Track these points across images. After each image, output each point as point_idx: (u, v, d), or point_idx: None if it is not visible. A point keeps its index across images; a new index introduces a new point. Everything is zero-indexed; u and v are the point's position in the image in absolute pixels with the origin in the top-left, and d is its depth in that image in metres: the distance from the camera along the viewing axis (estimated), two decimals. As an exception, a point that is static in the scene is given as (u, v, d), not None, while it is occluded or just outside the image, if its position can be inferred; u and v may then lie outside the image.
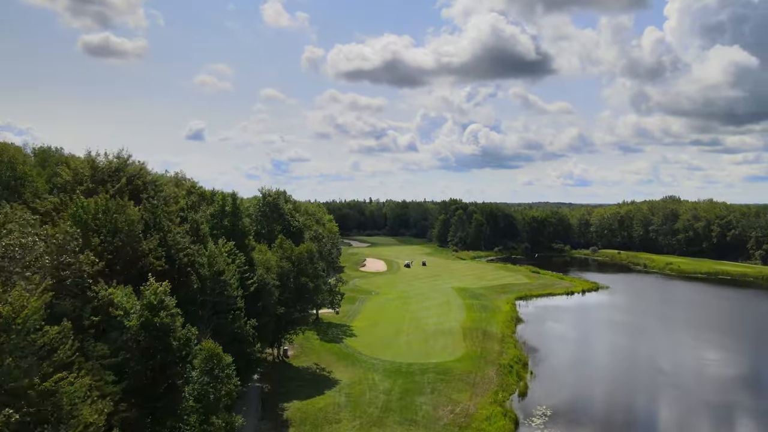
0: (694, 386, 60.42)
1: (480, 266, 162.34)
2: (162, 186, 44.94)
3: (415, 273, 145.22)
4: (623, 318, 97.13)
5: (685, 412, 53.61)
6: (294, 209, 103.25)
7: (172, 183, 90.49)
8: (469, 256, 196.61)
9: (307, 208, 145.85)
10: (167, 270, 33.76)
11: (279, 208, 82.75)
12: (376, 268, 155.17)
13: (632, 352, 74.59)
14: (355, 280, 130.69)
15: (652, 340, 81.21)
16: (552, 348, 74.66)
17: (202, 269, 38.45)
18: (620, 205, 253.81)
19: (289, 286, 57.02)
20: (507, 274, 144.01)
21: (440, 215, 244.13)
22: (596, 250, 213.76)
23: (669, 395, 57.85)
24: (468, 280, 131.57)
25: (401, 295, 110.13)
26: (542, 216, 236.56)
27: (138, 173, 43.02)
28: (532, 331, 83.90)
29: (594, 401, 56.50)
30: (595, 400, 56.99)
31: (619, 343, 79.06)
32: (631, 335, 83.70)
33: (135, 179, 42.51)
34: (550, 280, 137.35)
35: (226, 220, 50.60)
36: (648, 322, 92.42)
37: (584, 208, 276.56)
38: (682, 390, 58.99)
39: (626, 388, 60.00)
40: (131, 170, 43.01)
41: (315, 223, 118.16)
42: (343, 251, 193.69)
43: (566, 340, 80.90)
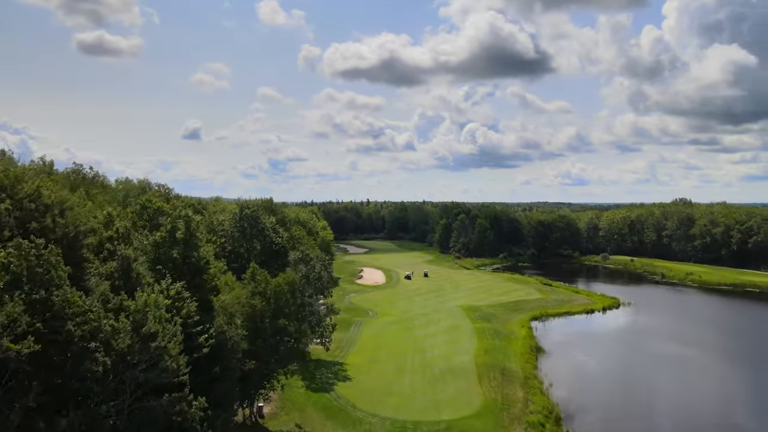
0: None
1: (486, 277, 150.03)
2: (71, 205, 32.20)
3: (416, 286, 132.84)
4: (665, 348, 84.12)
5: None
6: (279, 221, 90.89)
7: (122, 193, 78.02)
8: (473, 264, 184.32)
9: (298, 215, 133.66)
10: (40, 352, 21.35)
11: (259, 223, 70.25)
12: (375, 280, 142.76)
13: (692, 400, 62.22)
14: (350, 296, 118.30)
15: (716, 382, 68.75)
16: (588, 394, 62.37)
17: (117, 339, 25.99)
18: (630, 209, 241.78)
19: (263, 330, 44.51)
20: (517, 288, 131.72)
21: (441, 219, 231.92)
22: (607, 257, 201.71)
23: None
24: (475, 296, 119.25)
25: (403, 316, 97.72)
26: (549, 220, 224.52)
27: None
28: (558, 366, 71.56)
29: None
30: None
31: (674, 388, 65.71)
32: (684, 374, 71.13)
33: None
34: (564, 294, 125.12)
35: (175, 251, 38.03)
36: (697, 355, 79.95)
37: (592, 211, 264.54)
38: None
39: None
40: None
41: (306, 236, 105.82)
42: (339, 259, 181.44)
43: (603, 381, 68.30)
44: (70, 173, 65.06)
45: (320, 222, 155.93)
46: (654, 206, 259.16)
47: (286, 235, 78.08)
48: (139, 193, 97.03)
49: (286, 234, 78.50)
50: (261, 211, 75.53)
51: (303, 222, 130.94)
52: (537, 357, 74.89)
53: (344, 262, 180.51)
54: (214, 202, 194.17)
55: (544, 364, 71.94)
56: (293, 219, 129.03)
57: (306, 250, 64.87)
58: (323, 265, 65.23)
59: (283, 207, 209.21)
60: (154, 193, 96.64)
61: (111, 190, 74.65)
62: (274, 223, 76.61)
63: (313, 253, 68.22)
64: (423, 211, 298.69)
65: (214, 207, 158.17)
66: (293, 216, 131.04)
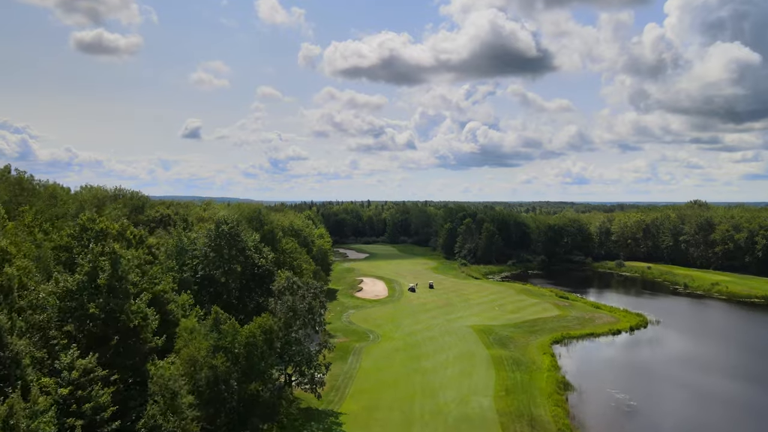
0: None
1: (497, 289, 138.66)
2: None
3: (421, 300, 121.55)
4: (715, 382, 72.89)
5: None
6: (268, 234, 79.68)
7: (75, 205, 66.14)
8: (480, 273, 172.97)
9: (292, 223, 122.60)
10: None
11: (239, 242, 58.98)
12: (376, 292, 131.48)
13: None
14: (349, 313, 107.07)
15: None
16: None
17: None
18: (644, 212, 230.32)
19: (226, 400, 33.25)
20: (532, 302, 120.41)
21: (446, 223, 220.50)
22: (622, 264, 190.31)
23: None
24: (487, 313, 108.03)
25: (407, 340, 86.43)
26: (559, 224, 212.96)
27: None
28: (594, 412, 60.31)
29: None
30: None
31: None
32: (753, 423, 60.05)
33: None
34: (584, 310, 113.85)
35: (92, 305, 26.76)
36: (756, 393, 68.81)
37: (603, 214, 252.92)
38: None
39: None
40: None
41: (298, 248, 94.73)
42: (338, 266, 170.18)
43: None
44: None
45: (317, 229, 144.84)
46: (668, 209, 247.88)
47: (271, 255, 66.67)
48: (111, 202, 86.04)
49: (271, 254, 67.05)
50: (243, 226, 64.26)
51: (297, 230, 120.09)
52: (567, 398, 63.62)
53: (343, 269, 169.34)
54: (205, 206, 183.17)
55: (577, 409, 60.65)
56: (287, 228, 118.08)
57: (293, 277, 53.53)
58: (315, 293, 53.84)
59: (279, 212, 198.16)
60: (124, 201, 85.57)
61: (63, 201, 63.26)
62: (257, 241, 65.24)
63: (304, 280, 56.74)
64: (426, 214, 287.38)
65: (202, 211, 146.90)
66: (287, 224, 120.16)
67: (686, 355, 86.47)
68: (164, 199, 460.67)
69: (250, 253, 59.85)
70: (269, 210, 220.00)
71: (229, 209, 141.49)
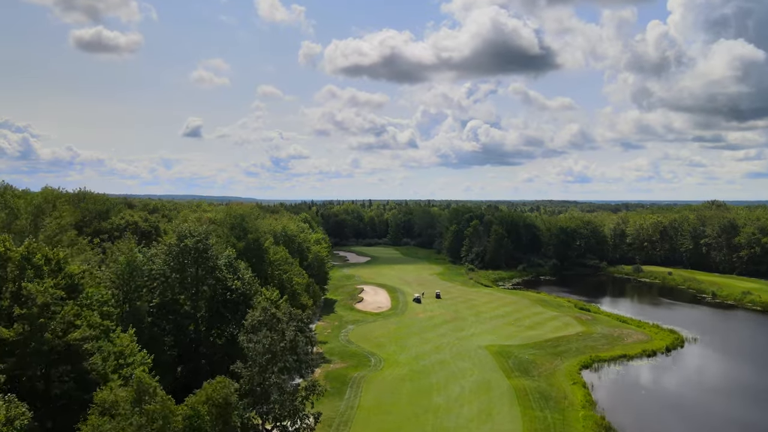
0: None
1: (510, 299, 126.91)
2: None
3: (428, 313, 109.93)
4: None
5: None
6: (253, 243, 68.18)
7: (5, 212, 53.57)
8: (489, 279, 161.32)
9: (286, 228, 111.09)
10: None
11: (207, 260, 47.44)
12: (378, 303, 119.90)
13: None
14: (348, 330, 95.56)
15: None
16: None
17: None
18: (662, 212, 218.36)
19: None
20: (550, 315, 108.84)
21: (451, 225, 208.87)
22: (639, 269, 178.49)
23: None
24: (503, 330, 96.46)
25: (415, 366, 74.82)
26: (572, 226, 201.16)
27: None
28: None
29: None
30: None
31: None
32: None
33: None
34: (609, 324, 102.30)
35: None
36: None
37: (615, 214, 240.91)
38: None
39: None
40: None
41: (289, 259, 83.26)
42: (337, 272, 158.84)
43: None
44: None
45: (314, 234, 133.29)
46: (684, 209, 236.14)
47: (248, 275, 54.99)
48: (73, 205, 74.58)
49: (248, 274, 55.37)
50: (220, 238, 52.73)
51: (291, 236, 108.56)
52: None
53: (342, 276, 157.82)
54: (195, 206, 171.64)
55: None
56: (279, 233, 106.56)
57: (271, 307, 41.91)
58: (300, 328, 42.19)
59: (275, 213, 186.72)
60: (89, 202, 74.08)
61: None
62: (232, 257, 53.63)
63: (284, 309, 45.00)
64: (429, 214, 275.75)
65: (191, 213, 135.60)
66: (279, 229, 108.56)
67: (741, 384, 74.77)
68: (165, 198, 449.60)
69: (221, 273, 48.36)
70: (264, 211, 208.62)
71: (215, 211, 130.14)
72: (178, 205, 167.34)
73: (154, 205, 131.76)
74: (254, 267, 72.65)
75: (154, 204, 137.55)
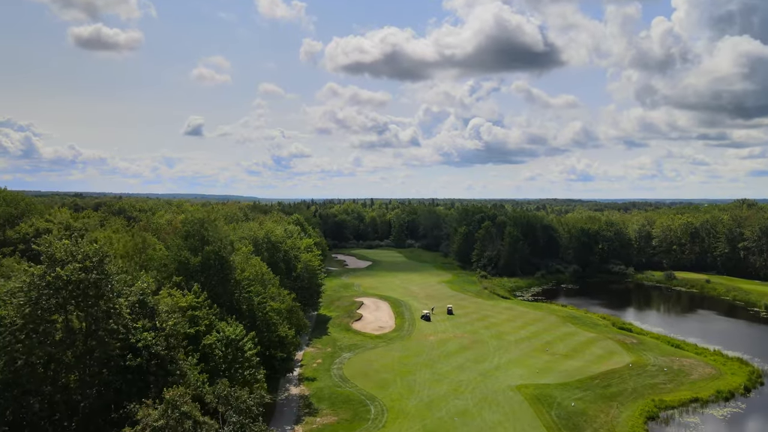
0: None
1: (534, 315, 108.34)
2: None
3: (440, 335, 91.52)
4: None
5: None
6: (210, 263, 50.04)
7: None
8: (506, 289, 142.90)
9: (270, 234, 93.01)
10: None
11: (98, 299, 28.95)
12: (379, 322, 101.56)
13: None
14: (343, 359, 77.34)
15: None
16: None
17: None
18: (691, 212, 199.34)
19: None
20: (586, 338, 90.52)
21: (460, 227, 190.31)
22: (672, 276, 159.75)
23: None
24: (533, 358, 78.02)
25: (428, 420, 56.41)
26: (594, 228, 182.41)
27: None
28: None
29: None
30: None
31: None
32: None
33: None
34: (661, 350, 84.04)
35: None
36: None
37: (641, 214, 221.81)
38: None
39: None
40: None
41: (264, 280, 65.05)
42: (332, 283, 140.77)
43: None
44: None
45: (305, 239, 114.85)
46: (713, 208, 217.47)
47: (171, 322, 36.50)
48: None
49: (171, 321, 36.83)
50: (118, 262, 34.34)
51: (275, 243, 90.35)
52: None
53: (340, 285, 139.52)
54: (175, 207, 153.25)
55: None
56: (261, 240, 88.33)
57: (181, 398, 23.82)
58: (240, 426, 23.69)
59: (265, 214, 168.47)
60: None
61: None
62: (148, 291, 35.24)
63: (219, 392, 26.43)
64: (435, 215, 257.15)
65: (165, 214, 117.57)
66: (262, 235, 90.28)
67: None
68: (167, 197, 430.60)
69: (119, 321, 30.04)
70: (256, 212, 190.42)
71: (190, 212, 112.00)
72: (156, 204, 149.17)
73: (120, 206, 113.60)
74: (213, 290, 54.37)
75: (119, 204, 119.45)
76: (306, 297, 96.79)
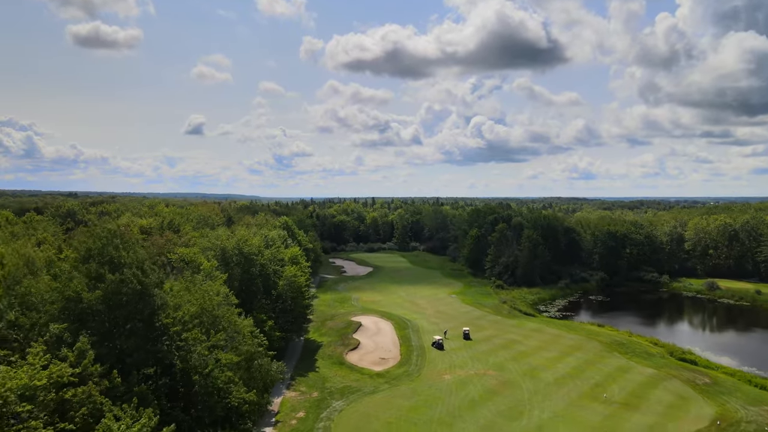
0: None
1: (570, 341, 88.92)
2: None
3: (458, 374, 72.13)
4: None
5: None
6: (109, 299, 30.40)
7: None
8: (527, 302, 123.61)
9: (242, 244, 73.94)
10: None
11: None
12: (380, 351, 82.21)
13: None
14: (331, 412, 58.14)
15: None
16: None
17: None
18: (728, 212, 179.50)
19: None
20: (644, 374, 71.22)
21: (471, 229, 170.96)
22: (715, 286, 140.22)
23: None
24: (583, 409, 58.66)
25: None
26: (621, 231, 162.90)
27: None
28: None
29: None
30: None
31: None
32: None
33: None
34: (746, 396, 64.84)
35: None
36: None
37: (669, 212, 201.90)
38: None
39: None
40: None
41: (212, 322, 45.76)
42: (326, 297, 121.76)
43: None
44: None
45: (292, 248, 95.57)
46: (749, 207, 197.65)
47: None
48: None
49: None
50: None
51: (248, 256, 71.43)
52: None
53: (335, 299, 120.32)
54: (147, 207, 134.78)
55: None
56: (231, 251, 69.60)
57: None
58: None
59: (248, 214, 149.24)
60: None
61: None
62: None
63: None
64: (441, 215, 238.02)
65: (125, 217, 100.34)
66: (231, 246, 71.40)
67: None
68: (168, 197, 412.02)
69: None
70: (243, 212, 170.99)
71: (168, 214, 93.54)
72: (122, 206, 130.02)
73: (70, 207, 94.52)
74: (125, 342, 35.19)
75: (69, 205, 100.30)
76: (289, 321, 77.63)
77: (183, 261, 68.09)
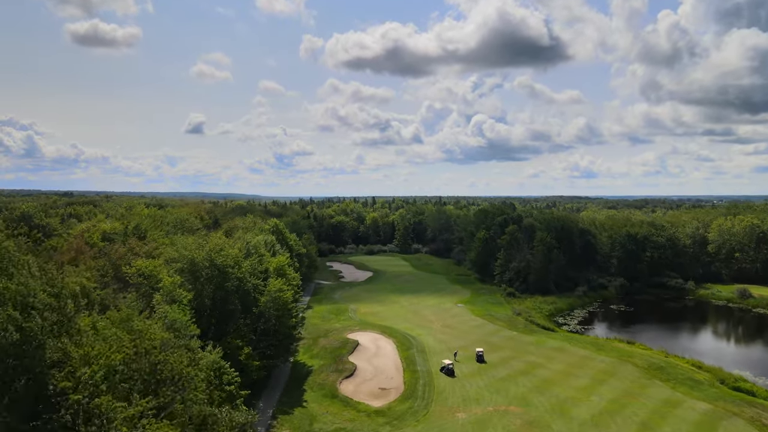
0: None
1: (600, 364, 76.91)
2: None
3: (474, 411, 60.19)
4: None
5: None
6: None
7: None
8: (543, 313, 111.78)
9: (217, 254, 61.86)
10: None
11: None
12: (379, 379, 70.31)
13: None
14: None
15: None
16: None
17: None
18: (755, 211, 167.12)
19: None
20: (695, 411, 59.33)
21: (478, 231, 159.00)
22: (747, 293, 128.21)
23: None
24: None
25: None
26: (641, 232, 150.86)
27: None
28: None
29: None
30: None
31: None
32: None
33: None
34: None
35: None
36: None
37: (688, 212, 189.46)
38: None
39: None
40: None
41: (145, 356, 33.36)
42: (320, 309, 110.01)
43: None
44: None
45: (279, 256, 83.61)
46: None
47: None
48: None
49: None
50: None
51: (222, 268, 59.86)
52: None
53: (330, 311, 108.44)
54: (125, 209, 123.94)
55: None
56: (201, 264, 57.87)
57: None
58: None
59: (239, 217, 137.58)
60: None
61: None
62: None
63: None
64: (445, 215, 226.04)
65: (86, 224, 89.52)
66: (201, 257, 59.69)
67: None
68: (169, 196, 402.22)
69: None
70: (234, 213, 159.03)
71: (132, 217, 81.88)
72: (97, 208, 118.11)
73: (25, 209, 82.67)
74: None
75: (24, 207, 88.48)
76: (272, 345, 65.75)
77: (141, 276, 56.28)
